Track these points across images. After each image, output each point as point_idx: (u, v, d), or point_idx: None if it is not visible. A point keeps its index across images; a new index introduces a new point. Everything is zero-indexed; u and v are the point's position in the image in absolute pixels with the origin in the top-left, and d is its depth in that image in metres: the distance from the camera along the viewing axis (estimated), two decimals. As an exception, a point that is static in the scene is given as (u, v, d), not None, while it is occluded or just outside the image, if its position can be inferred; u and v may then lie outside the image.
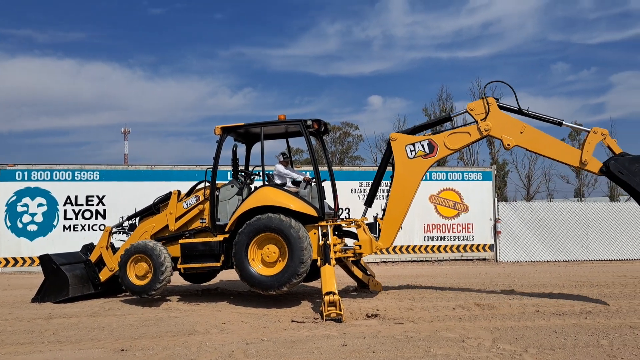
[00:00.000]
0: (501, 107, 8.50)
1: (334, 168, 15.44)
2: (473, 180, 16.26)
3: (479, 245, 16.12)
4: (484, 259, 16.19)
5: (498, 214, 16.20)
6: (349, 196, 15.33)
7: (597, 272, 13.01)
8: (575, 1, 67.74)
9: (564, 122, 8.42)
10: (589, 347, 5.65)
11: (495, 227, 16.14)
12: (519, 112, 8.45)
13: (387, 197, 8.80)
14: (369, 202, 9.30)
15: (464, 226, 16.01)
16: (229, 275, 10.24)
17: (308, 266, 8.09)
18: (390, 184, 8.79)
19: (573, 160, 8.12)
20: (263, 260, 8.25)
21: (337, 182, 10.02)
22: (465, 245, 16.08)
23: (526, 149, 8.40)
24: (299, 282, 8.17)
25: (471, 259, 16.15)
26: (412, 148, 8.69)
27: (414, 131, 9.03)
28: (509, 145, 8.31)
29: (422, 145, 8.64)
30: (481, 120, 8.45)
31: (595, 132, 8.01)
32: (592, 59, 65.87)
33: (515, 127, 8.33)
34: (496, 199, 16.52)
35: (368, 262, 13.08)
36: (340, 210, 14.91)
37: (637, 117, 62.58)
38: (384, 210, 8.82)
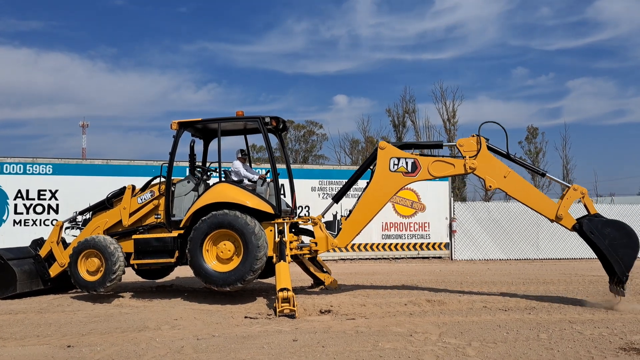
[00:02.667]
0: (490, 148, 8.55)
1: (297, 166, 15.56)
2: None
3: (435, 243, 16.50)
4: (440, 257, 16.58)
5: (454, 214, 16.62)
6: (309, 194, 15.41)
7: (546, 271, 13.54)
8: (535, 8, 69.89)
9: (547, 174, 8.75)
10: (529, 341, 5.90)
11: (450, 226, 16.56)
12: (507, 156, 8.57)
13: (358, 199, 8.90)
14: (337, 199, 9.32)
15: (420, 225, 16.36)
16: (186, 272, 10.16)
17: (263, 264, 8.13)
18: (365, 188, 8.88)
19: (549, 213, 8.27)
20: (218, 257, 8.24)
21: (297, 180, 10.11)
22: (422, 244, 16.43)
23: (506, 193, 8.53)
24: (253, 279, 8.20)
25: (427, 257, 16.51)
26: (396, 162, 8.70)
27: (403, 146, 9.03)
28: (490, 187, 8.42)
29: (407, 163, 8.67)
30: (470, 157, 8.50)
31: (575, 190, 8.24)
32: (550, 64, 68.15)
33: (500, 171, 8.41)
34: (452, 198, 16.94)
35: (326, 260, 13.23)
36: (300, 208, 15.02)
37: (590, 122, 65.35)
38: (350, 211, 8.93)
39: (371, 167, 8.99)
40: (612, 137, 65.52)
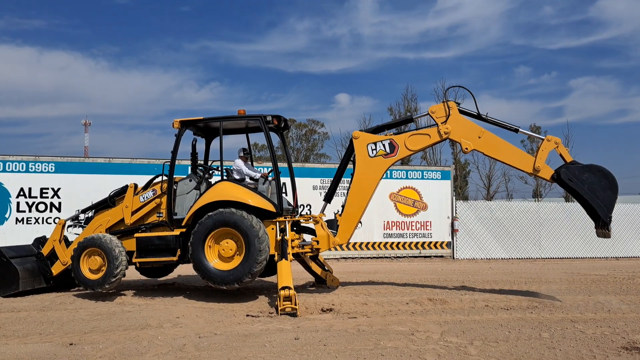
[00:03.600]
0: (461, 112, 8.65)
1: (298, 165, 15.55)
2: (432, 179, 16.61)
3: (436, 242, 16.47)
4: (442, 256, 16.57)
5: (456, 213, 16.59)
6: (310, 193, 15.42)
7: (548, 270, 13.51)
8: (538, 7, 69.72)
9: (520, 129, 8.74)
10: (531, 340, 5.89)
11: (452, 225, 16.54)
12: (478, 117, 8.64)
13: (347, 194, 8.93)
14: (328, 198, 9.41)
15: (422, 224, 16.34)
16: (188, 270, 10.16)
17: (264, 262, 8.12)
18: (351, 181, 8.91)
19: (527, 167, 8.36)
20: (220, 255, 8.24)
21: (299, 179, 10.11)
22: (424, 243, 16.41)
23: (483, 153, 8.62)
24: (254, 278, 8.19)
25: (429, 256, 16.50)
26: (374, 147, 8.81)
27: (376, 130, 9.15)
28: (466, 149, 8.53)
29: (384, 145, 8.77)
30: (442, 123, 8.59)
31: (549, 141, 8.28)
32: (552, 63, 68.03)
33: (474, 132, 8.52)
34: (454, 197, 16.92)
35: (327, 258, 13.22)
36: (302, 207, 15.02)
37: (592, 121, 65.21)
38: (343, 206, 8.95)
39: (351, 159, 9.03)
40: (614, 137, 65.40)
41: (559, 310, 7.61)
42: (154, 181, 9.18)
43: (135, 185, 9.12)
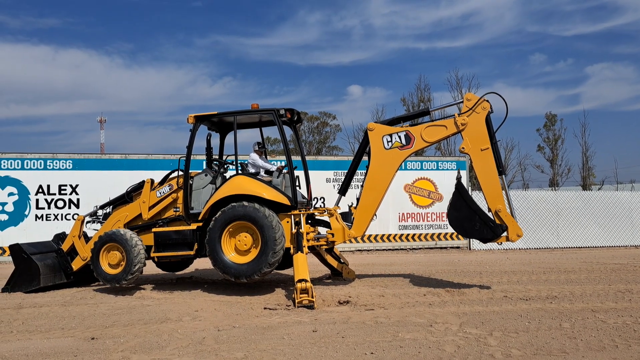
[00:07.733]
0: (486, 119, 8.49)
1: (311, 158, 15.54)
2: (447, 169, 16.49)
3: (452, 233, 16.35)
4: (458, 247, 16.48)
5: (472, 203, 16.45)
6: (324, 185, 15.41)
7: (566, 259, 13.37)
8: (552, -7, 68.52)
9: (504, 176, 8.58)
10: (552, 330, 5.84)
11: (469, 215, 16.39)
12: (491, 136, 8.47)
13: (362, 186, 8.90)
14: (343, 191, 9.40)
15: (438, 215, 16.24)
16: (205, 264, 10.26)
17: (281, 255, 8.15)
18: (366, 173, 8.87)
19: (492, 203, 8.34)
20: (236, 249, 8.28)
21: (312, 172, 10.11)
22: (440, 234, 16.32)
23: (472, 162, 8.57)
24: (271, 271, 8.23)
25: (445, 247, 16.42)
26: (389, 139, 8.74)
27: (392, 122, 9.05)
28: (463, 148, 8.50)
29: (399, 137, 8.70)
30: (461, 114, 8.47)
31: (518, 236, 8.36)
32: (568, 50, 67.01)
33: (482, 142, 8.41)
34: (470, 188, 16.77)
35: (343, 251, 13.22)
36: (315, 200, 15.03)
37: (609, 108, 64.14)
38: (358, 199, 8.92)
39: (366, 151, 8.97)
40: (632, 123, 64.27)
41: (579, 299, 7.53)
42: (170, 176, 9.24)
43: (152, 181, 9.20)
